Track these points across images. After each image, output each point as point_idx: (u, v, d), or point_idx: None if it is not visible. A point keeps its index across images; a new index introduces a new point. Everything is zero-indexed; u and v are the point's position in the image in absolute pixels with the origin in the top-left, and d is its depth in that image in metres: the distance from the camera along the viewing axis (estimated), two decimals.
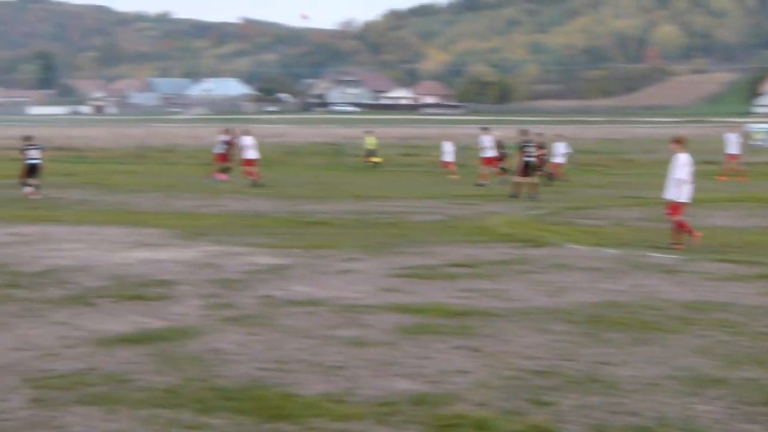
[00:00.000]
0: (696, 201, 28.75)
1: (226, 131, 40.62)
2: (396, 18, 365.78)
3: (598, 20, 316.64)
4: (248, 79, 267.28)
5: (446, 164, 43.15)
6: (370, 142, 53.38)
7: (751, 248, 18.43)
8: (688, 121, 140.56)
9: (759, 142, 62.16)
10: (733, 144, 40.93)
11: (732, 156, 40.65)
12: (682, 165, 18.64)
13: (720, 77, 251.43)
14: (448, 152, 43.39)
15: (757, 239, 19.86)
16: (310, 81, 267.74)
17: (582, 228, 22.00)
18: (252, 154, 37.71)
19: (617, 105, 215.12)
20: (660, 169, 28.14)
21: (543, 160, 36.04)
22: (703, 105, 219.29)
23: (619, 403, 8.22)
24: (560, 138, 41.63)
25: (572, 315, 11.81)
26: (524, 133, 32.94)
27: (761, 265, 15.96)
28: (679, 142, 18.95)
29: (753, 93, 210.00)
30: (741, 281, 14.48)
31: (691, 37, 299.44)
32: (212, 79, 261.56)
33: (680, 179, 18.60)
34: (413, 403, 8.20)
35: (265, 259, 16.72)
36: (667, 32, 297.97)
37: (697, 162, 49.77)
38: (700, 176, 42.16)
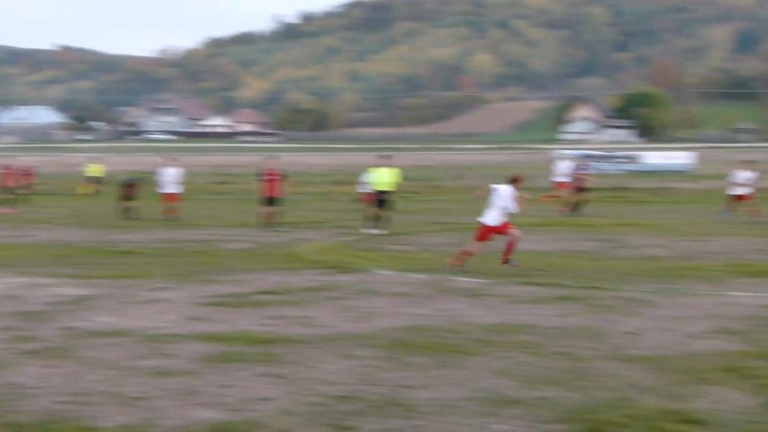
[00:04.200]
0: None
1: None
2: (216, 45, 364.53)
3: (416, 49, 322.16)
4: (62, 106, 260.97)
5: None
6: (94, 170, 52.90)
7: (553, 271, 18.96)
8: (499, 148, 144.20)
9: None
10: (563, 173, 40.36)
11: (562, 184, 40.00)
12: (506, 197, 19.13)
13: (532, 105, 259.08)
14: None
15: (559, 262, 20.45)
16: (124, 109, 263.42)
17: (390, 254, 22.27)
18: (171, 187, 34.17)
19: (432, 132, 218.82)
20: (467, 195, 28.82)
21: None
22: (514, 132, 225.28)
23: (418, 426, 8.32)
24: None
25: (377, 340, 11.92)
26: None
27: (561, 287, 16.46)
28: (516, 180, 19.58)
29: (562, 120, 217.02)
30: (541, 303, 14.89)
31: (505, 66, 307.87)
32: (24, 107, 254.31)
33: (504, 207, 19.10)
34: None
35: (69, 290, 16.32)
36: (483, 61, 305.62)
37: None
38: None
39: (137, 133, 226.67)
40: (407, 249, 23.52)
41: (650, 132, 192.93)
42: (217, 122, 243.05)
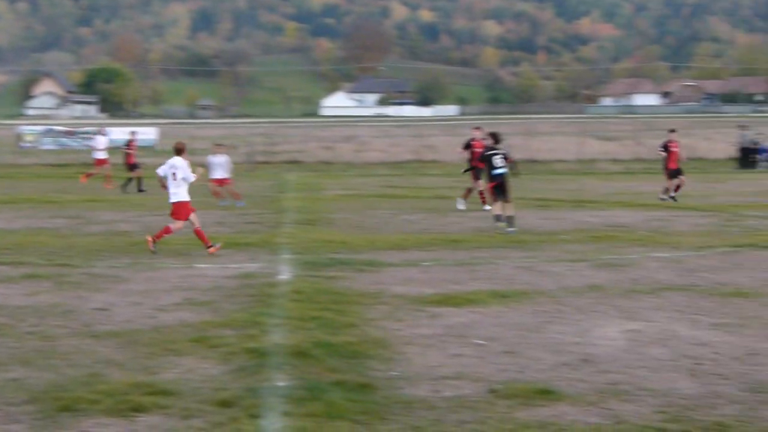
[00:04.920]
0: None
1: None
2: None
3: None
4: None
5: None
6: None
7: (20, 249, 18.49)
8: None
9: (29, 144, 62.45)
10: (99, 148, 38.97)
11: (101, 161, 38.55)
12: None
13: None
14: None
15: (26, 240, 19.94)
16: None
17: None
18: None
19: None
20: None
21: None
22: None
23: None
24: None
25: None
26: None
27: (29, 266, 16.15)
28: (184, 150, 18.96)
29: (25, 95, 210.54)
30: (9, 282, 14.53)
31: None
32: None
33: None
34: None
35: None
36: None
37: None
38: None
39: None
40: None
41: (114, 107, 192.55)
42: None
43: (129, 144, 36.52)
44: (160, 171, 18.68)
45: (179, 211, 18.56)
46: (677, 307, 12.80)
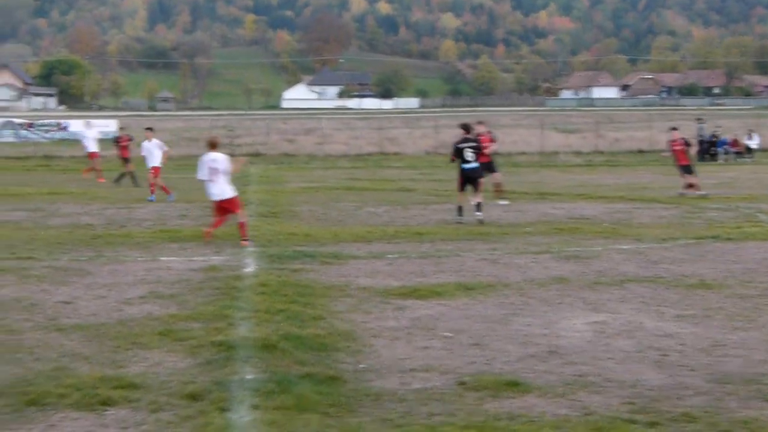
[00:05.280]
0: None
1: None
2: None
3: None
4: None
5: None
6: None
7: None
8: None
9: None
10: (90, 141, 38.22)
11: (93, 154, 37.80)
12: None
13: None
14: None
15: None
16: None
17: None
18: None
19: None
20: None
21: None
22: None
23: None
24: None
25: None
26: None
27: None
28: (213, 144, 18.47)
29: None
30: None
31: None
32: None
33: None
34: None
35: None
36: None
37: None
38: None
39: None
40: None
41: (73, 100, 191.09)
42: None
43: (121, 138, 36.22)
44: (201, 174, 18.35)
45: (233, 203, 18.40)
46: (642, 298, 12.89)
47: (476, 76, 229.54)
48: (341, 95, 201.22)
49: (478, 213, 21.63)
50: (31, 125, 65.81)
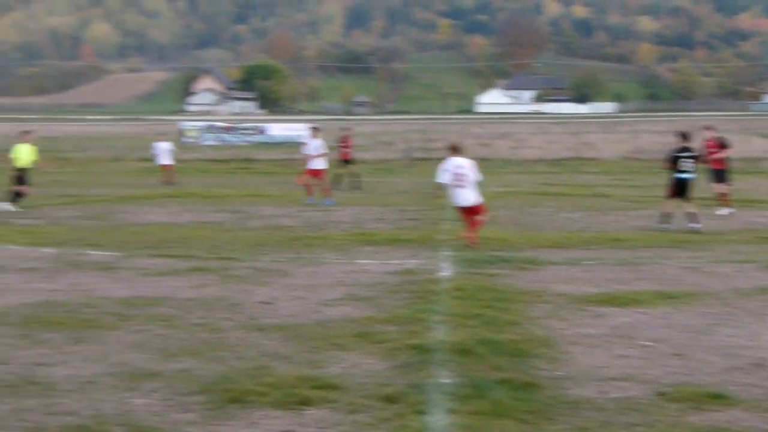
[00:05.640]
0: (131, 198, 29.25)
1: None
2: None
3: (31, 16, 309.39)
4: None
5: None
6: None
7: (186, 243, 18.94)
8: (123, 119, 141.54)
9: (191, 140, 64.08)
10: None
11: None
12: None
13: (154, 76, 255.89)
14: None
15: (192, 234, 20.45)
16: None
17: (18, 228, 21.42)
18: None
19: (52, 103, 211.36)
20: (97, 167, 28.18)
21: None
22: (138, 103, 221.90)
23: (55, 404, 8.13)
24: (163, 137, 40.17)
25: (7, 317, 11.49)
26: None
27: (195, 259, 16.50)
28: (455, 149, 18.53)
29: (186, 92, 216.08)
30: (176, 275, 14.87)
31: (125, 36, 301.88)
32: None
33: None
34: None
35: None
36: (102, 30, 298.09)
37: (135, 159, 49.99)
38: (139, 173, 42.63)
39: None
40: (36, 223, 22.70)
41: (272, 104, 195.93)
42: None
43: (344, 139, 36.10)
44: (443, 178, 18.27)
45: (479, 209, 18.34)
46: None
47: (675, 80, 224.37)
48: (536, 99, 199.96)
49: (695, 225, 20.92)
50: (231, 129, 67.78)
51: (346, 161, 35.37)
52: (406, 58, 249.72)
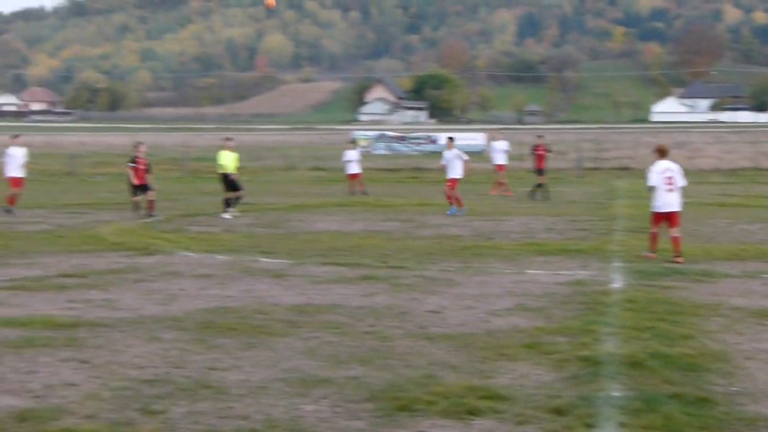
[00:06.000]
0: (303, 207, 29.72)
1: None
2: None
3: (210, 28, 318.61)
4: None
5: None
6: None
7: (356, 251, 19.14)
8: (296, 129, 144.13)
9: (363, 149, 64.75)
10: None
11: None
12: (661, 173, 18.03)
13: (327, 86, 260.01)
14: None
15: (362, 242, 20.64)
16: None
17: (193, 235, 22.03)
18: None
19: (228, 112, 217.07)
20: (271, 176, 28.74)
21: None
22: (311, 113, 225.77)
23: (228, 408, 8.29)
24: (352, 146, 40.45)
25: (183, 322, 11.80)
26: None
27: (365, 267, 16.65)
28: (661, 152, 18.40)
29: (358, 101, 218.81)
30: (346, 283, 15.02)
31: (299, 47, 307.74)
32: None
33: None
34: (18, 420, 7.89)
35: None
36: (277, 41, 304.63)
37: (308, 168, 50.78)
38: (311, 182, 43.29)
39: None
40: (210, 230, 23.31)
41: (442, 113, 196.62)
42: (6, 101, 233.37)
43: (537, 147, 35.64)
44: (653, 181, 18.01)
45: (676, 217, 17.99)
46: None
47: None
48: (713, 108, 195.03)
49: None
50: (402, 138, 68.21)
51: (539, 171, 35.02)
52: (579, 67, 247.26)
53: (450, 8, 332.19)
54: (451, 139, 30.31)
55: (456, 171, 28.53)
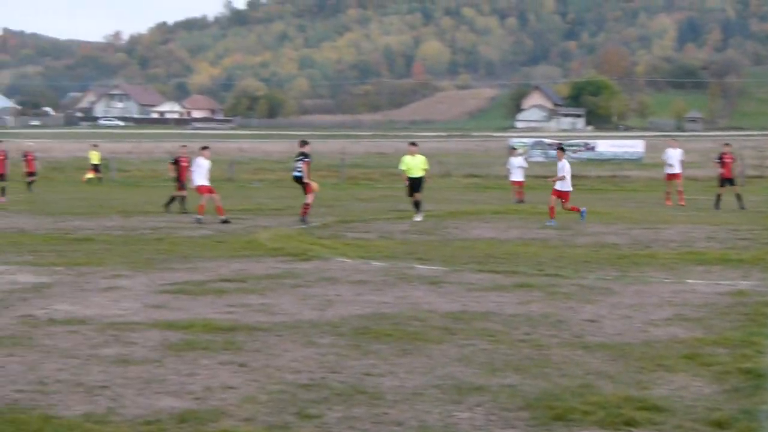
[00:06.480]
0: (459, 214, 29.73)
1: None
2: (164, 31, 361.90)
3: (367, 36, 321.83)
4: (9, 91, 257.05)
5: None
6: (94, 156, 52.49)
7: (512, 259, 19.05)
8: (453, 135, 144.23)
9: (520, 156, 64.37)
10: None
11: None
12: None
13: (483, 93, 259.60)
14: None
15: (517, 250, 20.55)
16: (75, 95, 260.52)
17: (349, 241, 22.27)
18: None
19: (385, 119, 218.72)
20: (426, 183, 28.86)
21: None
22: (467, 120, 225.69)
23: (383, 414, 8.33)
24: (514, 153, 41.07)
25: (339, 327, 11.93)
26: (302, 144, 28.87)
27: (521, 275, 16.56)
28: None
29: (515, 108, 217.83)
30: (502, 291, 14.96)
31: (455, 54, 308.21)
32: None
33: None
34: (178, 421, 8.09)
35: (26, 277, 16.19)
36: (434, 48, 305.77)
37: (463, 175, 50.91)
38: (467, 189, 43.28)
39: (91, 119, 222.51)
40: (367, 236, 23.52)
41: (599, 120, 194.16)
42: (169, 108, 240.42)
43: (724, 156, 34.80)
44: None
45: None
46: None
47: None
48: None
49: None
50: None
51: (727, 180, 34.34)
52: (742, 72, 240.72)
53: (609, 14, 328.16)
54: (561, 149, 29.25)
55: (564, 184, 27.49)
